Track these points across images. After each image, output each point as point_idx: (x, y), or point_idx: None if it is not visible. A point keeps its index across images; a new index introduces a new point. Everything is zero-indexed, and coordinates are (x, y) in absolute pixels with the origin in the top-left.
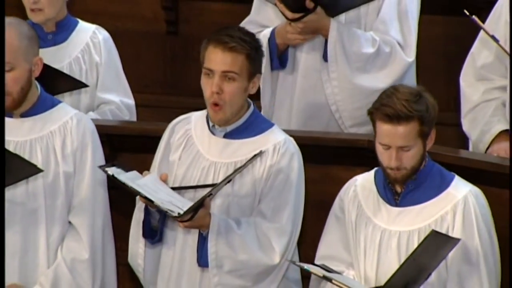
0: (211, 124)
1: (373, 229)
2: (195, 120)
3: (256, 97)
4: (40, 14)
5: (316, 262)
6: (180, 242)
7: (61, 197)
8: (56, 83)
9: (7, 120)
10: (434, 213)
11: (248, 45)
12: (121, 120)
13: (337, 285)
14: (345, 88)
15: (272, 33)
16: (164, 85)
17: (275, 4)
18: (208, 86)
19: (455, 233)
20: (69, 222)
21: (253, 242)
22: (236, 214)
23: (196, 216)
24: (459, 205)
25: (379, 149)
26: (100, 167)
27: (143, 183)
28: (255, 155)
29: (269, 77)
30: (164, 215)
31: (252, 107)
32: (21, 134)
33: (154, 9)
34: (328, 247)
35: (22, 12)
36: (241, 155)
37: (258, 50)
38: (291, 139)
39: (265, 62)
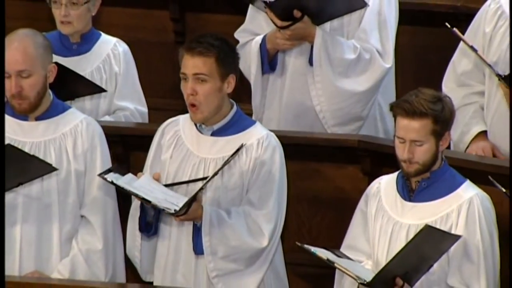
0: (198, 124)
1: (387, 220)
2: (183, 122)
3: (245, 99)
4: (69, 27)
5: (340, 250)
6: (175, 234)
7: (72, 194)
8: (77, 87)
9: (24, 123)
10: (441, 210)
11: (216, 49)
12: (134, 122)
13: (338, 268)
14: (328, 90)
15: (264, 39)
16: (173, 90)
17: (266, 13)
18: (184, 89)
19: (457, 231)
20: (83, 217)
21: (243, 229)
22: (226, 204)
23: (190, 210)
24: (464, 205)
25: (396, 142)
26: (99, 175)
27: (139, 185)
28: (238, 148)
29: (260, 80)
30: (158, 211)
31: (235, 107)
32: (36, 136)
33: (164, 21)
34: (352, 239)
35: (53, 24)
36: (228, 150)
37: (229, 53)
38: (272, 134)
39: (257, 66)
